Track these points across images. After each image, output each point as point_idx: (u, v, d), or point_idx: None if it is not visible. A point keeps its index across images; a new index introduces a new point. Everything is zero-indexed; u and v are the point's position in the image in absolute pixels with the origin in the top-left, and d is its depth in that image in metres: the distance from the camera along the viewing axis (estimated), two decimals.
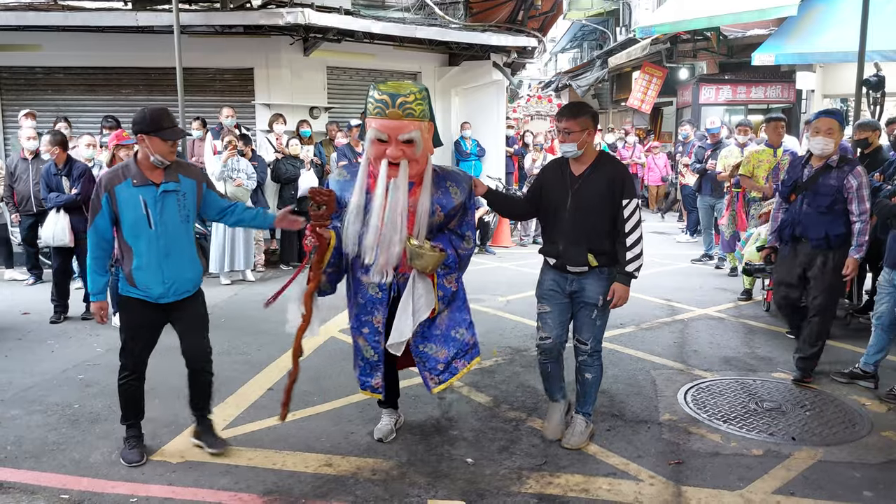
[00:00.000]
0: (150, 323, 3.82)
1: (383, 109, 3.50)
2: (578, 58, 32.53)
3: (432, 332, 3.83)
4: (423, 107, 3.57)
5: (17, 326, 6.57)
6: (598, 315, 3.91)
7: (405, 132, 3.51)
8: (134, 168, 3.69)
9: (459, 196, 3.74)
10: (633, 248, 3.76)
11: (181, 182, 3.76)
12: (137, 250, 3.68)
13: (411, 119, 3.52)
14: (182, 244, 3.78)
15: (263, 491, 3.54)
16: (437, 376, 3.87)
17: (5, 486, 3.58)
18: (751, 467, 3.80)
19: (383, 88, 3.55)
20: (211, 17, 9.59)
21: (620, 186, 3.76)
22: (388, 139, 3.52)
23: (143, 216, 3.65)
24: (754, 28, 14.54)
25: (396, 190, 3.55)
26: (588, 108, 3.86)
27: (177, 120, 3.80)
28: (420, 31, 10.88)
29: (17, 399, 4.75)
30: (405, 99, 3.50)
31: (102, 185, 3.67)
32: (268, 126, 9.89)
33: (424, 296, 3.70)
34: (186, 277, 3.81)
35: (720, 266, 9.27)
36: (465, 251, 3.84)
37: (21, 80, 10.62)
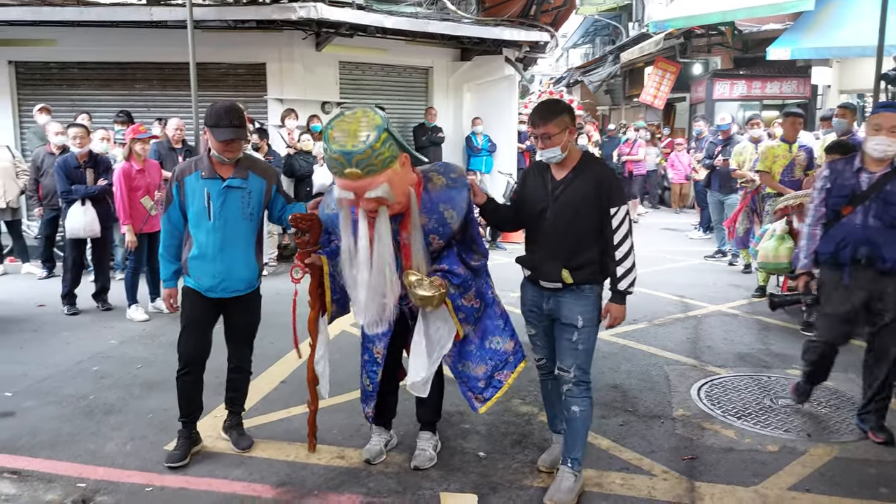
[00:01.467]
0: (200, 315, 3.81)
1: (340, 170, 3.07)
2: (591, 53, 32.39)
3: (466, 349, 3.57)
4: (385, 154, 3.07)
5: (33, 318, 6.62)
6: (580, 339, 3.37)
7: (371, 190, 3.09)
8: (205, 161, 3.74)
9: (456, 219, 3.32)
10: (623, 262, 3.32)
11: (249, 179, 3.76)
12: (197, 240, 3.73)
13: (374, 175, 3.06)
14: (240, 241, 3.77)
15: (277, 482, 3.56)
16: (481, 394, 3.58)
17: (23, 474, 3.62)
18: (765, 463, 3.78)
19: (334, 140, 3.08)
20: (224, 12, 9.62)
21: (607, 193, 3.28)
22: (355, 197, 3.15)
23: (204, 208, 3.69)
24: (770, 22, 14.44)
25: (380, 241, 3.21)
26: (563, 106, 3.39)
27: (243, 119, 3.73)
28: (432, 25, 10.86)
29: (32, 390, 4.79)
30: (361, 157, 3.01)
31: (175, 175, 3.76)
32: (280, 121, 9.91)
33: (443, 326, 3.44)
34: (239, 276, 3.78)
35: (734, 262, 9.21)
36: (478, 262, 3.51)
37: (36, 75, 10.67)
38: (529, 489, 3.50)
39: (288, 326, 3.74)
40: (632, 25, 23.02)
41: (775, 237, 6.55)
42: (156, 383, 4.86)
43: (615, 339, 5.96)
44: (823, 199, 4.12)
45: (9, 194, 8.12)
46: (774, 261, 6.52)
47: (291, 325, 3.74)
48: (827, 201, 4.10)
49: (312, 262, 3.52)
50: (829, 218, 4.08)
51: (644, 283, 8.11)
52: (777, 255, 6.46)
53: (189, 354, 3.80)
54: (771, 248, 6.52)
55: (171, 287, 3.87)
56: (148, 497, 3.43)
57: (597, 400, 4.57)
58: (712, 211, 9.83)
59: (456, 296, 3.40)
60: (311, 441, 3.86)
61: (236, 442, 3.94)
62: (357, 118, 3.16)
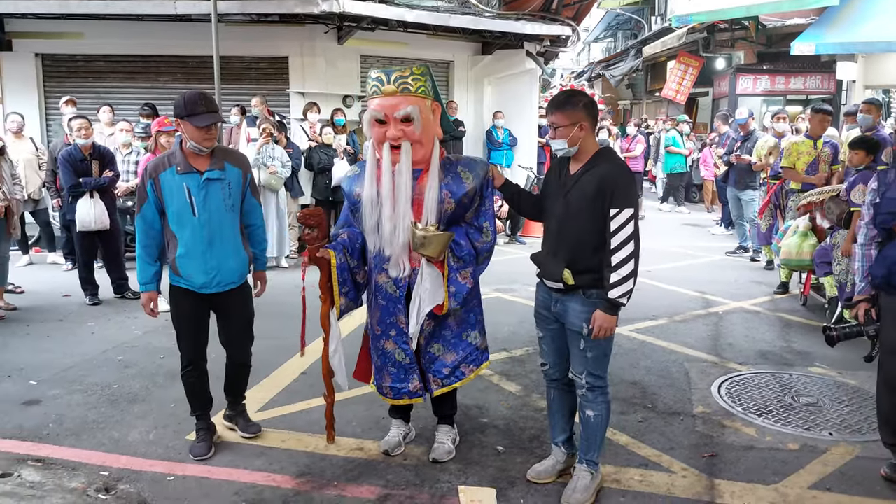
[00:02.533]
0: (195, 313, 3.75)
1: (379, 88, 3.37)
2: (612, 47, 32.19)
3: (442, 333, 3.59)
4: (421, 83, 3.38)
5: (59, 308, 6.73)
6: (588, 346, 3.24)
7: (401, 108, 3.32)
8: (179, 155, 3.62)
9: (472, 181, 3.45)
10: (619, 269, 3.08)
11: (227, 170, 3.68)
12: (182, 238, 3.62)
13: (407, 94, 3.34)
14: (227, 233, 3.70)
15: (296, 473, 3.59)
16: (442, 379, 3.61)
17: (47, 461, 3.68)
18: (786, 462, 3.75)
19: (382, 68, 3.46)
20: (247, 6, 9.67)
21: (610, 191, 3.10)
22: (385, 119, 3.36)
23: (186, 204, 3.58)
24: (794, 17, 14.25)
25: (399, 175, 3.38)
26: (578, 98, 3.24)
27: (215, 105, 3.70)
28: (454, 19, 10.84)
29: (58, 379, 4.87)
30: (401, 74, 3.35)
31: (147, 172, 3.62)
32: (302, 114, 9.96)
33: (430, 289, 3.44)
34: (230, 268, 3.73)
35: (756, 259, 9.13)
36: (483, 244, 3.54)
37: (63, 68, 10.81)
38: (548, 484, 3.51)
39: (309, 319, 3.76)
40: (654, 19, 22.83)
41: (798, 234, 6.50)
42: (177, 374, 4.92)
43: (635, 335, 5.94)
44: (873, 216, 3.62)
45: (31, 185, 8.23)
46: (797, 258, 6.47)
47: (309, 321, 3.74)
48: (876, 218, 3.60)
49: (321, 256, 3.53)
50: (882, 236, 3.61)
51: (665, 278, 8.10)
52: (800, 251, 6.42)
53: (191, 353, 3.79)
54: (793, 245, 6.48)
55: (151, 290, 3.72)
56: (170, 486, 3.48)
57: (616, 396, 4.58)
58: (731, 207, 9.75)
59: (454, 268, 3.47)
60: (329, 433, 3.89)
61: (245, 428, 3.98)
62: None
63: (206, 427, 3.86)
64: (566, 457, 3.57)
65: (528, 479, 3.53)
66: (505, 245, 10.28)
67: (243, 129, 9.19)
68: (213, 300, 3.75)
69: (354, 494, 3.40)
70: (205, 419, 3.87)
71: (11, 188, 6.65)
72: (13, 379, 4.86)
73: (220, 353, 3.99)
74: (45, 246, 8.98)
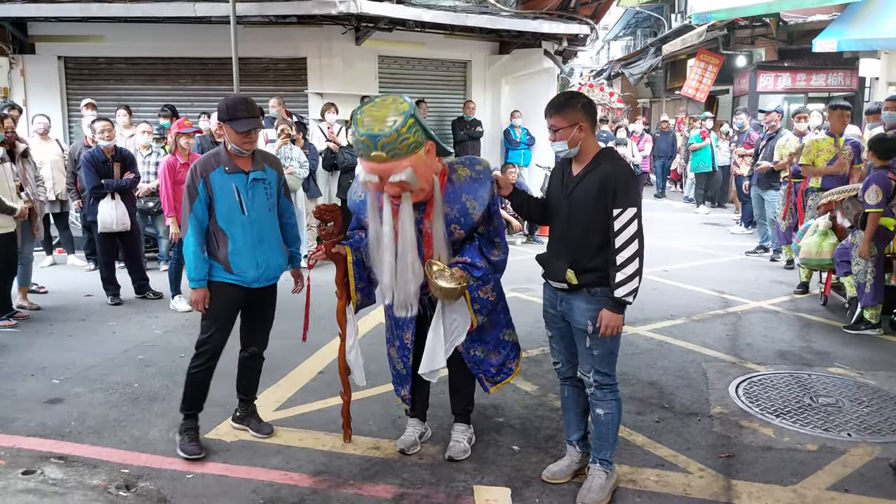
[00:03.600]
0: (234, 308, 3.88)
1: (367, 152, 3.21)
2: (632, 45, 32.02)
3: (481, 337, 3.67)
4: (410, 139, 3.19)
5: (81, 308, 6.83)
6: (593, 344, 3.27)
7: (395, 174, 3.21)
8: (224, 155, 3.76)
9: (478, 210, 3.41)
10: (624, 268, 3.11)
11: (267, 171, 3.84)
12: (233, 235, 3.73)
13: (399, 159, 3.19)
14: (271, 230, 3.87)
15: (313, 471, 3.62)
16: (492, 377, 3.75)
17: (69, 459, 3.74)
18: (804, 462, 3.73)
19: (362, 125, 3.20)
20: (266, 7, 9.73)
21: (613, 192, 3.12)
22: (379, 180, 3.28)
23: (236, 202, 3.72)
24: (816, 13, 14.10)
25: (403, 227, 3.33)
26: (576, 100, 3.26)
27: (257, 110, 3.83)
28: (471, 19, 10.84)
29: (80, 377, 4.95)
30: (387, 140, 3.14)
31: (198, 172, 3.71)
32: (320, 115, 10.02)
33: (459, 318, 3.49)
34: (276, 263, 3.91)
35: (776, 258, 9.04)
36: (497, 258, 3.56)
37: (84, 71, 10.96)
38: (563, 484, 3.51)
39: (326, 317, 3.81)
40: (674, 17, 22.67)
41: (818, 233, 6.44)
42: None
43: (652, 334, 5.92)
44: None
45: (58, 186, 8.35)
46: (817, 257, 6.41)
47: (328, 316, 3.78)
48: None
49: (337, 251, 3.58)
50: None
51: (683, 278, 8.06)
52: (819, 251, 6.36)
53: (217, 348, 3.84)
54: (814, 244, 6.42)
55: (204, 287, 3.77)
56: (189, 483, 3.52)
57: (632, 396, 4.58)
58: (754, 206, 9.67)
59: (474, 287, 3.46)
60: (346, 431, 3.92)
61: (258, 429, 4.03)
62: (386, 104, 3.28)
63: (195, 427, 3.88)
64: (581, 456, 3.57)
65: (543, 479, 3.54)
66: (522, 245, 10.27)
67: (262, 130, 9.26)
68: (254, 295, 3.88)
69: (371, 493, 3.43)
70: (195, 419, 3.89)
71: (35, 190, 6.76)
72: (37, 377, 4.94)
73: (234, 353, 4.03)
74: (65, 246, 9.11)
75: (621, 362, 4.66)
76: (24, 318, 6.39)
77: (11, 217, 6.09)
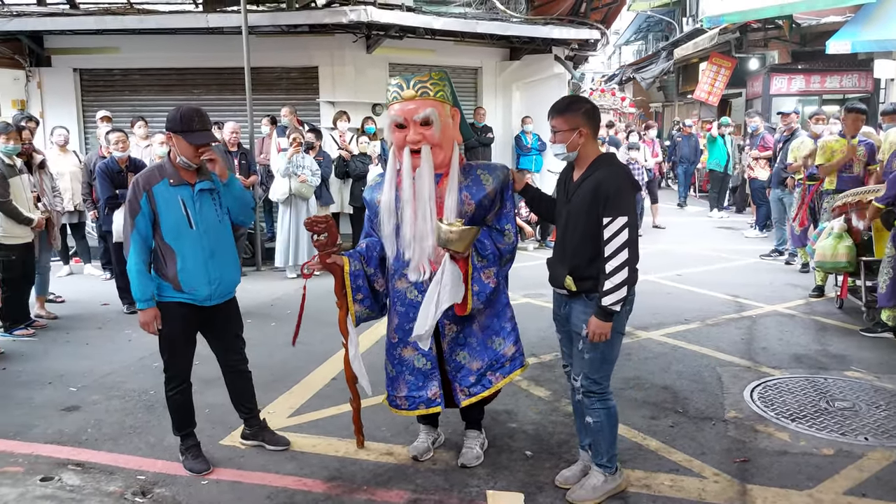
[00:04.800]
0: (190, 328, 3.72)
1: (399, 94, 3.45)
2: (643, 50, 31.96)
3: (467, 340, 3.58)
4: (440, 87, 3.46)
5: (97, 316, 6.89)
6: (585, 347, 3.27)
7: (420, 111, 3.39)
8: (169, 167, 3.60)
9: (492, 183, 3.49)
10: (612, 277, 3.09)
11: (214, 181, 3.69)
12: (181, 252, 3.56)
13: (426, 98, 3.42)
14: (224, 243, 3.71)
15: (327, 477, 3.64)
16: (468, 388, 3.58)
17: (86, 466, 3.78)
18: (820, 467, 3.69)
19: (401, 75, 3.53)
20: (277, 17, 9.83)
21: (604, 199, 3.12)
22: (405, 123, 3.43)
23: (183, 216, 3.55)
24: (829, 15, 14.03)
25: (420, 179, 3.42)
26: (579, 104, 3.29)
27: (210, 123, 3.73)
28: (481, 25, 10.88)
29: (97, 385, 4.99)
30: (420, 79, 3.43)
31: (140, 185, 3.53)
32: (332, 123, 10.08)
33: (451, 284, 3.38)
34: (231, 278, 3.75)
35: (790, 262, 8.98)
36: (505, 246, 3.55)
37: (100, 82, 11.09)
38: None
39: (335, 325, 3.80)
40: (685, 21, 22.62)
41: (833, 235, 6.39)
42: (211, 380, 4.99)
43: (666, 339, 5.90)
44: None
45: (76, 197, 8.45)
46: (832, 260, 6.36)
47: (337, 324, 3.78)
48: None
49: (333, 262, 3.57)
50: None
51: (697, 282, 8.02)
52: (835, 254, 6.31)
53: (184, 371, 3.75)
54: (829, 247, 6.37)
55: (153, 307, 3.59)
56: (204, 489, 3.54)
57: (646, 400, 4.57)
58: (773, 209, 9.60)
59: (478, 267, 3.46)
60: (358, 437, 3.93)
61: (273, 442, 3.95)
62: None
63: (196, 443, 3.81)
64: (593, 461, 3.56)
65: (556, 484, 3.53)
66: (535, 251, 10.27)
67: (273, 138, 9.33)
68: (208, 312, 3.70)
69: (384, 499, 3.43)
70: (192, 436, 3.82)
71: (52, 200, 6.85)
72: (54, 385, 4.99)
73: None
74: (81, 256, 9.20)
75: (635, 367, 4.70)
76: (41, 326, 6.47)
77: (29, 227, 6.17)
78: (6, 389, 4.92)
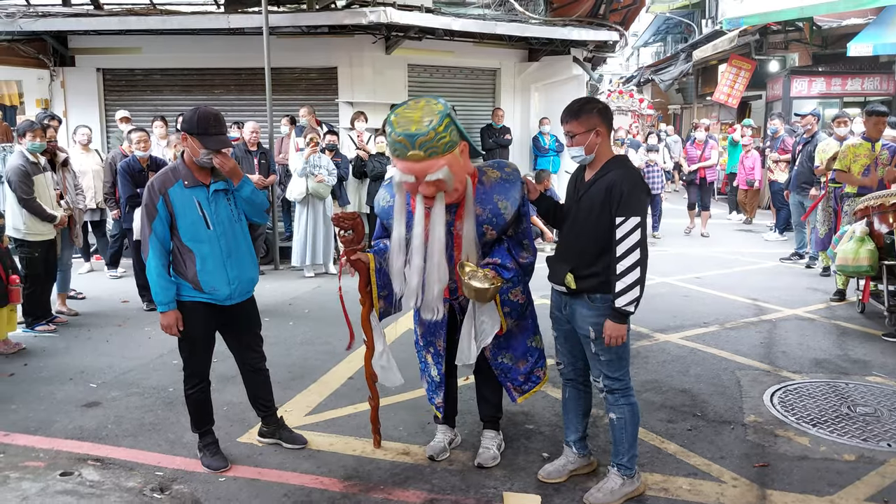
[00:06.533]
0: (210, 328, 3.74)
1: (403, 152, 3.21)
2: (662, 52, 31.78)
3: (509, 343, 3.67)
4: (447, 138, 3.21)
5: (118, 314, 6.96)
6: (598, 350, 3.29)
7: (432, 173, 3.21)
8: (183, 169, 3.59)
9: (510, 210, 3.43)
10: (624, 277, 3.09)
11: (228, 181, 3.67)
12: (199, 253, 3.56)
13: (436, 157, 3.20)
14: (240, 242, 3.71)
15: (344, 476, 3.65)
16: (520, 387, 3.74)
17: (106, 461, 3.82)
18: (841, 473, 3.65)
19: (398, 125, 3.22)
20: (298, 18, 9.88)
21: (617, 200, 3.11)
22: (415, 180, 3.27)
23: (199, 218, 3.55)
24: (850, 17, 13.87)
25: (434, 228, 3.33)
26: (592, 105, 3.28)
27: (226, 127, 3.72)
28: (500, 27, 10.88)
29: (117, 381, 5.04)
30: (425, 139, 3.15)
31: (155, 188, 3.53)
32: (350, 124, 10.12)
33: (488, 320, 3.46)
34: (249, 277, 3.75)
35: (811, 265, 8.89)
36: (526, 259, 3.56)
37: (122, 82, 11.20)
38: (558, 483, 3.52)
39: (355, 324, 3.82)
40: (705, 23, 22.47)
41: (855, 239, 6.31)
42: (230, 377, 5.03)
43: (684, 342, 5.86)
44: None
45: (98, 195, 8.55)
46: (854, 264, 6.28)
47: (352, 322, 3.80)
48: None
49: (358, 258, 3.56)
50: None
51: (716, 285, 7.96)
52: (857, 257, 6.23)
53: (202, 371, 3.77)
54: (850, 251, 6.29)
55: (174, 309, 3.58)
56: (222, 486, 3.57)
57: (664, 403, 4.54)
58: (793, 212, 9.52)
59: (505, 290, 3.46)
60: (375, 437, 3.94)
61: (291, 440, 3.96)
62: (419, 106, 3.32)
63: (214, 441, 3.83)
64: (577, 457, 3.61)
65: (539, 478, 3.57)
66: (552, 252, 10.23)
67: (292, 139, 9.39)
68: (229, 311, 3.71)
69: (401, 498, 3.44)
70: (211, 433, 3.84)
71: (75, 198, 6.93)
72: (75, 381, 5.05)
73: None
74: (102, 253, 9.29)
75: (653, 370, 4.68)
76: (62, 323, 6.54)
77: (52, 225, 6.24)
78: (28, 385, 4.99)
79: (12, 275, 5.66)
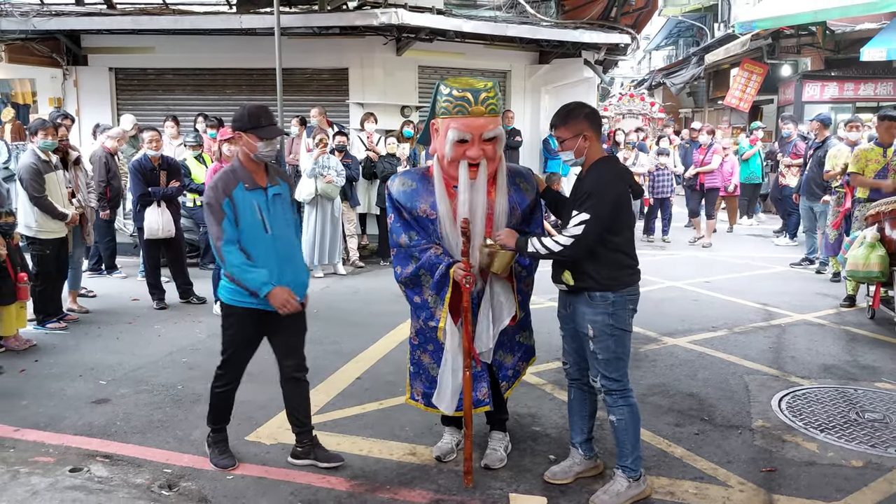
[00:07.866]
0: (257, 334, 3.71)
1: (465, 107, 3.28)
2: (673, 55, 31.73)
3: (502, 339, 3.64)
4: (499, 101, 3.41)
5: (128, 311, 7.00)
6: (596, 348, 3.32)
7: (490, 129, 3.32)
8: (242, 171, 3.57)
9: (531, 192, 3.57)
10: (549, 246, 3.22)
11: (282, 185, 3.69)
12: (255, 256, 3.52)
13: (494, 115, 3.34)
14: (295, 247, 3.72)
15: (350, 476, 3.66)
16: (507, 381, 3.75)
17: (115, 458, 3.84)
18: (849, 479, 3.64)
19: (458, 84, 3.34)
20: (309, 19, 9.93)
21: (581, 197, 3.23)
22: (471, 139, 3.31)
23: (258, 221, 3.53)
24: (864, 21, 13.81)
25: (476, 192, 3.37)
26: (579, 110, 3.34)
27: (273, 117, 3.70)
28: (511, 29, 10.89)
29: (126, 379, 5.07)
30: (487, 95, 3.30)
31: (220, 190, 3.50)
32: (360, 125, 10.15)
33: (505, 302, 3.48)
34: (302, 282, 3.71)
35: (822, 271, 8.84)
36: None
37: (134, 81, 11.30)
38: (564, 484, 3.52)
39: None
40: (717, 26, 22.42)
41: (865, 244, 6.28)
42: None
43: (693, 346, 5.84)
44: None
45: None
46: (864, 269, 6.25)
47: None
48: None
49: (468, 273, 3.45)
50: None
51: (725, 289, 7.94)
52: (867, 263, 6.20)
53: (238, 373, 3.76)
54: (861, 256, 6.26)
55: (277, 285, 3.49)
56: (229, 484, 3.58)
57: (671, 407, 4.53)
58: (803, 217, 9.47)
59: (521, 278, 3.56)
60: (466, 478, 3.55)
61: (327, 458, 3.76)
62: (466, 78, 3.47)
63: (225, 438, 3.83)
64: (583, 459, 3.61)
65: (545, 479, 3.58)
66: None
67: (303, 139, 9.42)
68: (279, 316, 3.58)
69: (407, 498, 3.44)
70: (223, 431, 3.84)
71: (86, 196, 6.98)
72: (84, 378, 5.09)
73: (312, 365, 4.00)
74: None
75: (661, 374, 4.67)
76: (73, 320, 6.59)
77: (63, 223, 6.29)
78: (38, 381, 5.03)
79: (21, 272, 5.71)
